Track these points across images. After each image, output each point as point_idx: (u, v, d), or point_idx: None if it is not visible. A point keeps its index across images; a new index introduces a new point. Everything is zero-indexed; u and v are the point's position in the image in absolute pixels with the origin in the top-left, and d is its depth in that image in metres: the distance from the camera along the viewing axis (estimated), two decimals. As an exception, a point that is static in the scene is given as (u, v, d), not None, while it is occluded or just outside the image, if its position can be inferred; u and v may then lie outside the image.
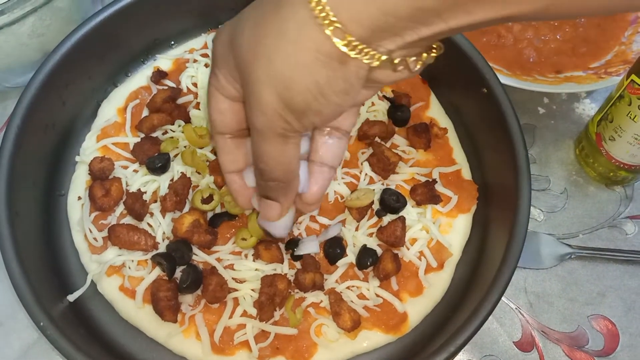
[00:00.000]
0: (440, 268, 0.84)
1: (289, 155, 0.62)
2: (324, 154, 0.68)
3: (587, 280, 0.92)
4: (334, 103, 0.56)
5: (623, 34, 1.05)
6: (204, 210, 0.83)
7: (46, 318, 0.72)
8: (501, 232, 0.81)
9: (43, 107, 0.85)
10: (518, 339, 0.88)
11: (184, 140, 0.89)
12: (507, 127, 0.83)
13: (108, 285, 0.82)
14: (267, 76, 0.55)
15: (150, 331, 0.80)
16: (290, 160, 0.63)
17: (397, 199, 0.84)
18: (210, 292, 0.78)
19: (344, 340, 0.79)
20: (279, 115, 0.56)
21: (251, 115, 0.59)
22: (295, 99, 0.55)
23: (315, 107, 0.56)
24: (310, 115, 0.57)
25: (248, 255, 0.82)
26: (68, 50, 0.87)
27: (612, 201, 0.98)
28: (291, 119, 0.57)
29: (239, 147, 0.70)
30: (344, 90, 0.55)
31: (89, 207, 0.85)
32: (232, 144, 0.69)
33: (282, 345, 0.78)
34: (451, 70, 0.93)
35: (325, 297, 0.81)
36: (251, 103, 0.58)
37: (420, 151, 0.91)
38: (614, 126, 0.87)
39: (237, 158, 0.71)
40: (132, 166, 0.88)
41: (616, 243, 0.94)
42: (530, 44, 1.04)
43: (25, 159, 0.82)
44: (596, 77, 0.98)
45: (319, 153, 0.68)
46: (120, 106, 0.94)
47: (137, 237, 0.81)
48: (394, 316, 0.80)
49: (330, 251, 0.82)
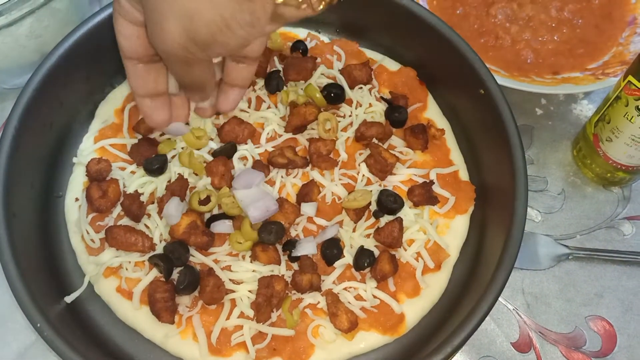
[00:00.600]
0: (438, 269, 0.84)
1: (197, 74, 0.65)
2: (235, 76, 0.73)
3: (584, 281, 0.92)
4: (240, 36, 0.57)
5: (620, 35, 1.05)
6: (201, 212, 0.83)
7: (43, 319, 0.72)
8: (498, 233, 0.81)
9: (41, 108, 0.85)
10: (515, 340, 0.88)
11: (181, 142, 0.89)
12: (504, 128, 0.83)
13: (105, 286, 0.82)
14: (171, 8, 0.56)
15: (147, 332, 0.80)
16: (199, 77, 0.66)
17: (395, 200, 0.84)
18: (207, 294, 0.78)
19: (341, 342, 0.79)
20: (182, 47, 0.58)
21: (154, 42, 0.60)
22: (200, 32, 0.56)
23: (221, 40, 0.57)
24: (215, 47, 0.58)
25: (245, 257, 0.82)
26: (66, 52, 0.88)
27: (609, 202, 0.98)
28: (195, 50, 0.58)
29: (149, 71, 0.70)
30: (250, 24, 0.56)
31: (86, 209, 0.85)
32: (142, 69, 0.70)
33: (279, 347, 0.78)
34: (448, 72, 0.93)
35: (323, 299, 0.81)
36: (153, 32, 0.59)
37: (418, 152, 0.92)
38: (611, 127, 0.88)
39: (146, 83, 0.71)
40: (130, 167, 0.88)
41: (614, 244, 0.94)
42: (527, 45, 1.04)
43: (23, 160, 0.82)
44: (594, 78, 0.99)
45: (231, 76, 0.73)
46: (118, 107, 0.94)
47: (135, 239, 0.81)
48: (391, 317, 0.80)
49: (327, 252, 0.82)
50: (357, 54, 0.99)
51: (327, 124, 0.89)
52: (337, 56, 0.98)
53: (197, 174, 0.87)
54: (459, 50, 0.88)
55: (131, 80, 0.71)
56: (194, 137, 0.87)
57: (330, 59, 0.97)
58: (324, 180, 0.87)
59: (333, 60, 0.97)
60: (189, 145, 0.88)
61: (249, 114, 0.92)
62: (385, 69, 0.98)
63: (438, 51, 0.92)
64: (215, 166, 0.85)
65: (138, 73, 0.70)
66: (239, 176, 0.84)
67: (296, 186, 0.88)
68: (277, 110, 0.93)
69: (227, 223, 0.83)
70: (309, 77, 0.94)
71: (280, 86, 0.93)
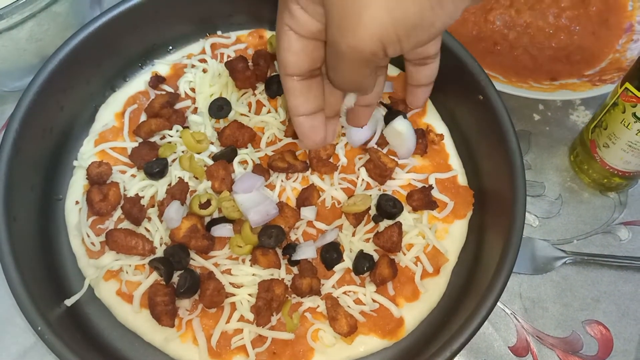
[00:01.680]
0: (437, 273, 0.85)
1: (368, 79, 0.60)
2: (420, 77, 0.74)
3: (581, 285, 0.92)
4: (448, 13, 0.53)
5: (617, 42, 1.06)
6: (201, 216, 0.83)
7: (43, 322, 0.72)
8: (496, 237, 0.82)
9: (41, 112, 0.86)
10: (513, 344, 0.89)
11: (181, 146, 0.89)
12: (502, 134, 0.83)
13: (105, 289, 0.82)
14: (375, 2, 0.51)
15: (147, 336, 0.81)
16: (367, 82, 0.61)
17: (394, 205, 0.85)
18: (207, 297, 0.78)
19: (341, 345, 0.80)
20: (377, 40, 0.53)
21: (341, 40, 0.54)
22: (409, 11, 0.51)
23: (428, 20, 0.52)
24: (419, 33, 0.53)
25: (245, 260, 0.83)
26: (66, 55, 0.88)
27: (606, 207, 0.98)
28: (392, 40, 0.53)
29: (310, 88, 0.65)
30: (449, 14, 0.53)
31: (86, 212, 0.85)
32: (302, 86, 0.64)
33: (279, 350, 0.78)
34: (447, 77, 0.92)
35: (322, 302, 0.81)
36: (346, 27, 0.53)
37: (417, 157, 0.92)
38: (608, 133, 0.88)
39: (307, 100, 0.66)
40: (130, 171, 0.89)
41: (610, 249, 0.95)
42: (525, 52, 1.05)
43: (23, 163, 0.83)
44: (591, 84, 0.99)
45: (416, 78, 0.75)
46: (118, 111, 0.95)
47: (135, 242, 0.81)
48: (390, 321, 0.81)
49: (327, 256, 0.82)
50: (356, 59, 0.99)
51: (327, 129, 0.89)
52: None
53: (198, 177, 0.87)
54: (457, 56, 0.89)
55: (291, 100, 0.65)
56: (194, 140, 0.88)
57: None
58: (324, 184, 0.88)
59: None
60: (190, 149, 0.88)
61: (249, 118, 0.92)
62: (385, 74, 0.98)
63: (437, 57, 0.93)
64: (215, 170, 0.86)
65: (299, 90, 0.64)
66: (239, 180, 0.85)
67: (296, 190, 0.88)
68: (277, 115, 0.93)
69: (228, 227, 0.83)
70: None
71: (280, 90, 0.93)
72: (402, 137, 0.89)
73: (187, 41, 1.02)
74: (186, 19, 0.99)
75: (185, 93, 0.95)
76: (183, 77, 0.96)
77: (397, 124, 0.89)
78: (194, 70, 0.96)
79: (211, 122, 0.92)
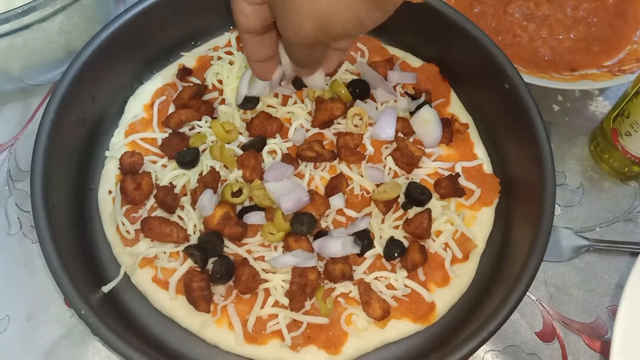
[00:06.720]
0: (466, 259, 0.86)
1: (317, 55, 0.74)
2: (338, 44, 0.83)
3: (604, 272, 0.94)
4: (369, 27, 0.64)
5: (635, 33, 1.07)
6: (233, 204, 0.84)
7: (87, 306, 0.73)
8: (524, 224, 0.83)
9: (75, 102, 0.87)
10: (539, 330, 0.90)
11: (211, 136, 0.90)
12: (530, 122, 0.85)
13: (141, 277, 0.83)
14: (308, 10, 0.62)
15: (183, 321, 0.82)
16: (318, 57, 0.75)
17: (423, 192, 0.86)
18: (242, 283, 0.79)
19: (374, 329, 0.81)
20: (313, 38, 0.65)
21: (285, 34, 0.68)
22: (335, 30, 0.63)
23: (352, 34, 0.64)
24: (345, 38, 0.68)
25: (277, 247, 0.84)
26: (97, 48, 0.89)
27: (627, 196, 1.00)
28: (326, 39, 0.66)
29: (262, 41, 0.77)
30: (381, 18, 0.63)
31: (120, 201, 0.86)
32: (255, 40, 0.77)
33: (314, 334, 0.80)
34: (472, 67, 0.95)
35: (354, 288, 0.82)
36: (287, 27, 0.66)
37: (442, 146, 0.93)
38: (630, 122, 0.90)
39: (260, 50, 0.79)
40: (161, 161, 0.90)
41: (632, 236, 0.97)
42: (545, 43, 1.06)
43: (59, 153, 0.84)
44: (610, 74, 1.01)
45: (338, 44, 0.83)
46: (147, 102, 0.96)
47: (169, 230, 0.82)
48: (422, 306, 0.82)
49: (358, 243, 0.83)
50: (379, 50, 1.01)
51: (355, 119, 0.91)
52: (360, 53, 1.00)
53: (228, 167, 0.88)
54: (483, 46, 0.90)
55: (247, 49, 0.79)
56: (224, 130, 0.89)
57: (353, 56, 0.99)
58: (352, 173, 0.89)
59: (357, 57, 0.99)
60: (219, 139, 0.89)
61: (277, 109, 0.94)
62: (408, 65, 1.00)
63: (461, 47, 0.94)
64: (246, 159, 0.87)
65: (253, 43, 0.77)
66: (270, 169, 0.86)
67: (324, 179, 0.89)
68: (303, 106, 0.94)
69: (260, 214, 0.84)
70: (333, 74, 0.96)
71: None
72: (429, 126, 0.90)
73: (213, 34, 1.03)
74: (212, 12, 1.00)
75: (212, 85, 0.97)
76: (210, 69, 0.97)
77: (424, 113, 0.90)
78: (220, 62, 0.97)
79: (239, 112, 0.93)
